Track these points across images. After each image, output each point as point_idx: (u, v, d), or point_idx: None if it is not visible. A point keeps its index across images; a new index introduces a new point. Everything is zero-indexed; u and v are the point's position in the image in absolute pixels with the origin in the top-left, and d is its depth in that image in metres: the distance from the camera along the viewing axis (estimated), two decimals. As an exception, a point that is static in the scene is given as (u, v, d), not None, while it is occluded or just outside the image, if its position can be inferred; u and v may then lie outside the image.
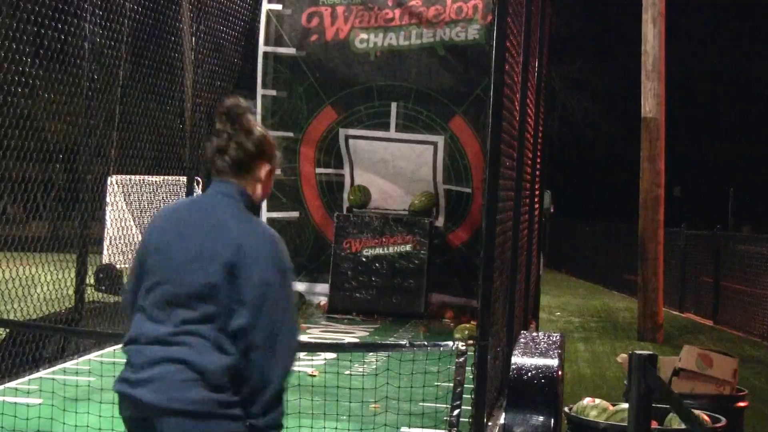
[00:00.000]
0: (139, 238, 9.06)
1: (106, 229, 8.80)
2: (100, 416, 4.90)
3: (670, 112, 16.04)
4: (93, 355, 6.75)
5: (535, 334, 6.62)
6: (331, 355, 6.80)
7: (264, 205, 10.15)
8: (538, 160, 9.31)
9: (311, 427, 4.93)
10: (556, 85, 30.98)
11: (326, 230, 10.03)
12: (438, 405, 5.29)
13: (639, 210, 15.09)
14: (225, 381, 2.96)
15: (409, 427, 5.09)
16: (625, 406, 5.38)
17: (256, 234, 3.08)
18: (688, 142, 35.00)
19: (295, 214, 10.19)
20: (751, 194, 35.11)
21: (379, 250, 9.54)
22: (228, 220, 3.07)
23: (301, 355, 6.75)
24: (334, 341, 7.74)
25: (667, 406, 5.66)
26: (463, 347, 4.96)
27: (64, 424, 4.91)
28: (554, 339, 6.08)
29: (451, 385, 4.86)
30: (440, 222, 9.98)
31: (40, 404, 5.21)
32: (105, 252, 8.93)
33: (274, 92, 10.04)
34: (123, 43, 7.49)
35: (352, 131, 9.97)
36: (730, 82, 37.21)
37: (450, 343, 5.13)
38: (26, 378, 6.06)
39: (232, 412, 2.97)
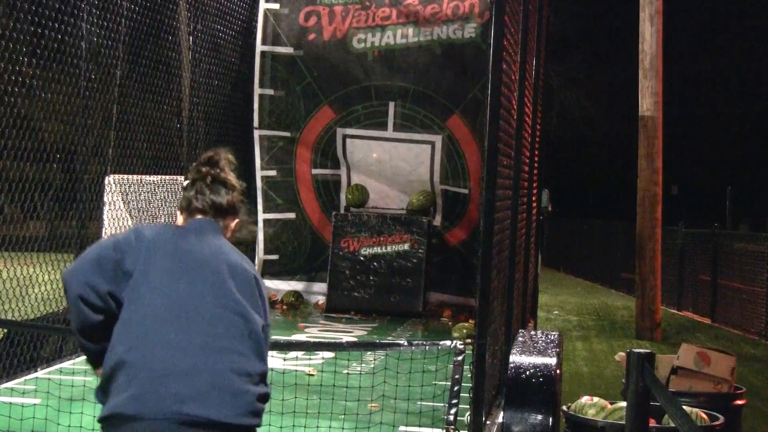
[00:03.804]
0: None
1: (103, 229, 8.78)
2: (95, 416, 4.89)
3: (667, 110, 16.04)
4: (91, 355, 6.73)
5: (533, 332, 6.62)
6: (329, 354, 6.80)
7: (259, 206, 10.15)
8: (536, 159, 9.31)
9: (309, 427, 4.93)
10: (553, 83, 30.94)
11: (324, 230, 10.02)
12: (436, 404, 5.28)
13: (637, 208, 15.09)
14: None
15: (407, 426, 5.08)
16: (623, 404, 5.38)
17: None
18: (686, 141, 34.97)
19: (291, 215, 10.18)
20: (749, 193, 35.11)
21: (377, 250, 9.53)
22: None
23: (299, 354, 6.76)
24: (332, 340, 7.74)
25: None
26: (462, 346, 4.96)
27: (59, 425, 4.90)
28: (552, 338, 6.08)
29: (449, 383, 4.86)
30: (438, 221, 9.98)
31: (37, 404, 5.20)
32: (103, 252, 8.90)
33: (271, 91, 10.04)
34: (120, 43, 7.48)
35: (349, 131, 9.97)
36: (728, 81, 37.21)
37: (448, 342, 5.13)
38: (23, 378, 6.06)
39: None
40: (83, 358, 6.74)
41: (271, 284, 10.16)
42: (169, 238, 3.21)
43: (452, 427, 4.73)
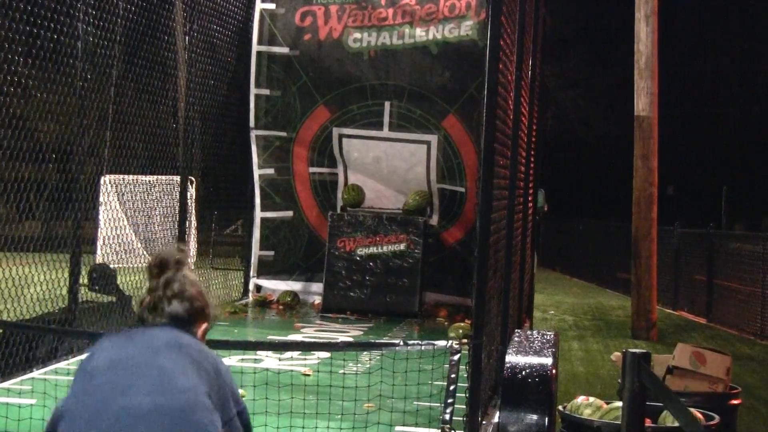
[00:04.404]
0: (133, 238, 9.09)
1: (99, 229, 8.81)
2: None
3: (663, 110, 16.05)
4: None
5: (529, 332, 6.62)
6: (325, 354, 6.80)
7: (257, 204, 10.17)
8: (532, 159, 9.31)
9: (306, 427, 4.93)
10: (549, 83, 30.97)
11: (320, 229, 10.03)
12: (432, 404, 5.28)
13: (632, 208, 15.10)
14: None
15: (404, 425, 5.08)
16: (619, 404, 5.38)
17: None
18: (682, 141, 34.99)
19: (289, 213, 10.20)
20: (744, 193, 35.15)
21: (373, 249, 9.53)
22: None
23: (295, 354, 6.76)
24: (328, 340, 7.74)
25: (661, 404, 5.67)
26: (458, 346, 4.96)
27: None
28: (548, 337, 6.08)
29: (445, 383, 4.86)
30: (434, 221, 9.99)
31: (33, 405, 5.19)
32: (98, 252, 8.93)
33: (267, 91, 10.04)
34: (116, 43, 7.48)
35: (345, 130, 9.97)
36: (725, 81, 37.25)
37: (444, 342, 5.13)
38: (19, 378, 6.05)
39: None
40: (79, 358, 6.76)
41: (268, 284, 10.18)
42: (123, 333, 3.01)
43: (448, 426, 4.73)
